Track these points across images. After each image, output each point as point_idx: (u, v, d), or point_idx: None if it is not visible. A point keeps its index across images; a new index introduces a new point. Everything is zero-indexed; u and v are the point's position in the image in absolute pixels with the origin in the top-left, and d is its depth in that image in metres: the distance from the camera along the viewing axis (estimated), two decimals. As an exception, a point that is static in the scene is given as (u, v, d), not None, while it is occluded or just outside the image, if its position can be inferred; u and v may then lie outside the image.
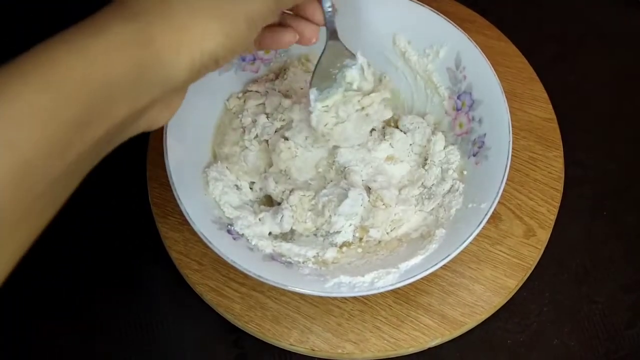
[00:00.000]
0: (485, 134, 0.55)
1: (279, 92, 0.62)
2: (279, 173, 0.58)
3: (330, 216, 0.55)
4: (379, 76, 0.61)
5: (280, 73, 0.63)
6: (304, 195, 0.56)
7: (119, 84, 0.34)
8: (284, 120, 0.60)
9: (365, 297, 0.56)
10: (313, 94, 0.54)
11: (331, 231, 0.55)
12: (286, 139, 0.58)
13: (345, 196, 0.55)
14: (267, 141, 0.60)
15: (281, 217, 0.55)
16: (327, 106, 0.54)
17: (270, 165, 0.59)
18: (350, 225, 0.55)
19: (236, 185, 0.58)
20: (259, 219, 0.55)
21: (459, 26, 0.57)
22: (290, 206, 0.56)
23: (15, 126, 0.30)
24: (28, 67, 0.32)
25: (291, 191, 0.56)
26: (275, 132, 0.60)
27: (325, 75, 0.54)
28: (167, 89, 0.38)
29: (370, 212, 0.55)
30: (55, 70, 0.32)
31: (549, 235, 0.59)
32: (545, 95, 0.65)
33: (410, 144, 0.59)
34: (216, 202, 0.56)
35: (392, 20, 0.60)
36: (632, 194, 0.62)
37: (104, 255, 0.61)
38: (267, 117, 0.60)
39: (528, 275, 0.58)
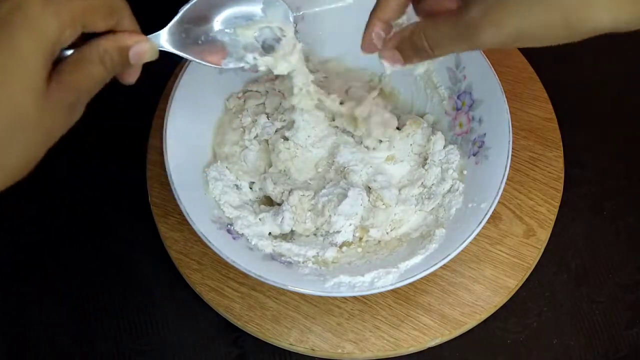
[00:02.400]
0: (485, 134, 0.55)
1: (279, 92, 0.62)
2: (278, 173, 0.58)
3: (330, 216, 0.55)
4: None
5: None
6: (303, 195, 0.56)
7: None
8: (284, 120, 0.60)
9: (365, 297, 0.56)
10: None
11: (331, 231, 0.55)
12: (286, 139, 0.58)
13: (345, 196, 0.55)
14: (267, 141, 0.60)
15: (282, 219, 0.55)
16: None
17: (270, 165, 0.59)
18: (350, 225, 0.55)
19: (236, 185, 0.58)
20: (259, 219, 0.55)
21: (459, 26, 0.57)
22: (291, 207, 0.55)
23: None
24: None
25: (290, 191, 0.56)
26: (275, 132, 0.60)
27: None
28: None
29: (371, 212, 0.55)
30: None
31: (548, 235, 0.59)
32: (545, 95, 0.65)
33: (410, 144, 0.59)
34: (216, 201, 0.56)
35: (392, 20, 0.60)
36: (632, 194, 0.62)
37: (104, 254, 0.61)
38: (268, 117, 0.60)
39: (528, 275, 0.58)
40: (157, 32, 0.43)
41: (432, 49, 0.41)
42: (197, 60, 0.45)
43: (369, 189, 0.56)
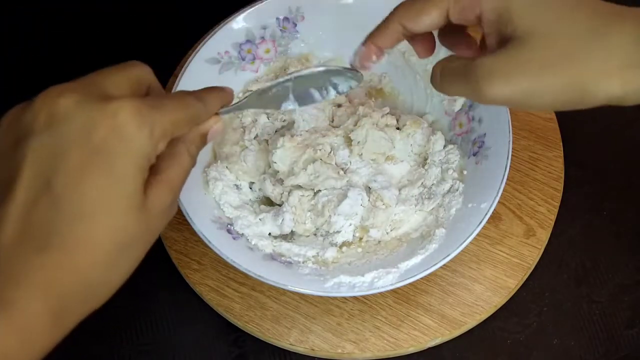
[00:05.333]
0: (485, 134, 0.55)
1: None
2: (276, 173, 0.58)
3: (330, 216, 0.55)
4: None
5: (280, 73, 0.63)
6: (302, 196, 0.56)
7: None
8: (284, 120, 0.60)
9: (365, 297, 0.56)
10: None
11: (331, 231, 0.55)
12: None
13: (345, 196, 0.55)
14: (267, 141, 0.60)
15: (282, 220, 0.55)
16: None
17: (270, 165, 0.59)
18: (350, 225, 0.55)
19: (236, 185, 0.58)
20: (259, 219, 0.55)
21: (459, 26, 0.57)
22: (291, 207, 0.55)
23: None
24: None
25: (290, 192, 0.56)
26: (275, 132, 0.60)
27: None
28: None
29: (371, 212, 0.55)
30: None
31: (548, 235, 0.59)
32: (545, 95, 0.65)
33: (410, 144, 0.59)
34: (216, 201, 0.56)
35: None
36: (632, 193, 0.62)
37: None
38: (268, 117, 0.60)
39: (528, 275, 0.58)
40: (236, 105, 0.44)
41: (440, 79, 0.41)
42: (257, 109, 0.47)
43: (369, 189, 0.56)
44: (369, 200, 0.56)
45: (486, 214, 0.50)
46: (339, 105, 0.61)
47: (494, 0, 0.37)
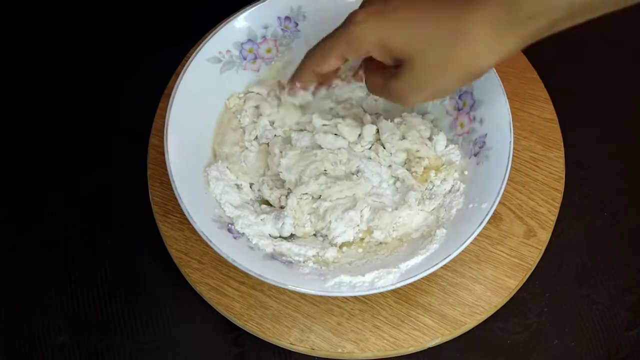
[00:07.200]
0: (486, 134, 0.55)
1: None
2: (275, 177, 0.58)
3: (330, 222, 0.55)
4: None
5: (281, 73, 0.63)
6: (301, 199, 0.56)
7: None
8: (285, 130, 0.60)
9: (366, 297, 0.56)
10: None
11: (330, 236, 0.55)
12: (288, 142, 0.58)
13: (351, 207, 0.55)
14: (267, 143, 0.60)
15: (282, 224, 0.55)
16: None
17: (269, 167, 0.59)
18: (345, 231, 0.55)
19: (237, 185, 0.58)
20: (260, 219, 0.55)
21: (461, 26, 0.57)
22: (291, 211, 0.55)
23: None
24: None
25: (287, 195, 0.56)
26: (275, 135, 0.60)
27: None
28: None
29: (376, 214, 0.55)
30: None
31: (549, 236, 0.59)
32: (547, 95, 0.65)
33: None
34: (217, 201, 0.56)
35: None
36: (632, 194, 0.62)
37: (105, 253, 0.61)
38: (272, 125, 0.60)
39: (528, 275, 0.58)
40: None
41: (371, 91, 0.52)
42: None
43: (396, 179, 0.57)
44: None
45: (487, 214, 0.50)
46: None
47: (372, 40, 0.45)
